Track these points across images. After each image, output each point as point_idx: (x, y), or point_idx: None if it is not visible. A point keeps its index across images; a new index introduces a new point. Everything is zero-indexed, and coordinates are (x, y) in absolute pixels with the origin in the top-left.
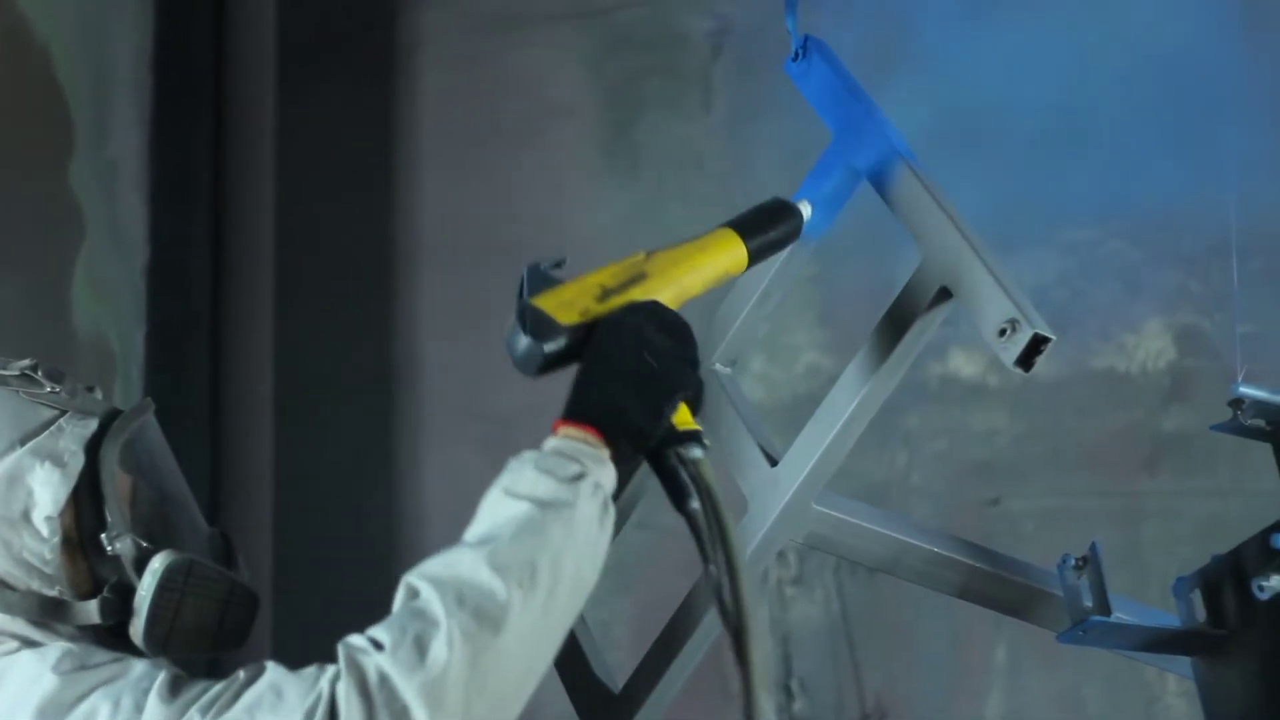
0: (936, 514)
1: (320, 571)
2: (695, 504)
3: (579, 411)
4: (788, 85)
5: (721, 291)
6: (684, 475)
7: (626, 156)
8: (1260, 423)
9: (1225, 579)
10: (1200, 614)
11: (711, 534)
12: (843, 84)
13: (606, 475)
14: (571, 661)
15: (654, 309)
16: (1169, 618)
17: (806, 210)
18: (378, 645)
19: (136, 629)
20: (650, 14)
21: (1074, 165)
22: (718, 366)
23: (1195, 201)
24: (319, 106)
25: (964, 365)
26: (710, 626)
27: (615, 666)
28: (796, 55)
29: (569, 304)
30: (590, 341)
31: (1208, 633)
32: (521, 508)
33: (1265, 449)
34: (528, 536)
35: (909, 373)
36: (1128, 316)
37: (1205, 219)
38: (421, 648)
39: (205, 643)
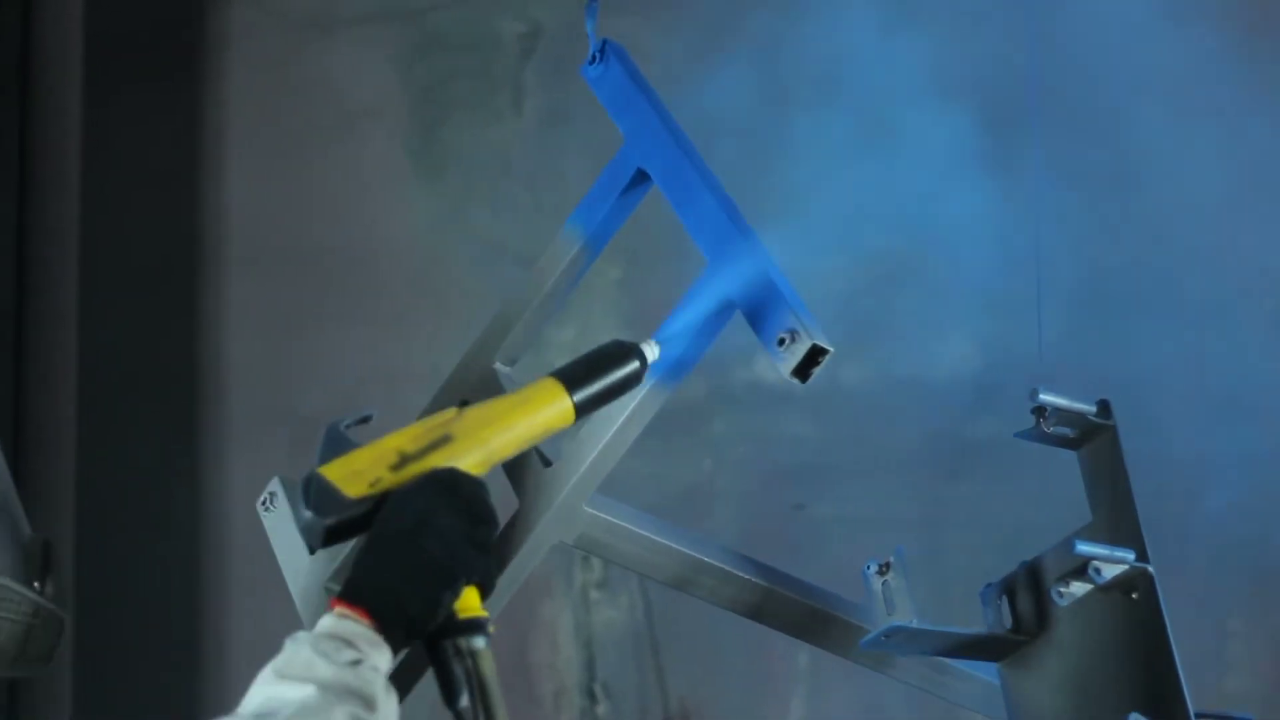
0: (741, 519)
1: (122, 573)
2: (465, 702)
3: (354, 593)
4: None
5: (504, 290)
6: (457, 670)
7: (435, 158)
8: (1065, 430)
9: (1027, 585)
10: (1007, 620)
11: None
12: (636, 87)
13: (383, 659)
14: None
15: (450, 482)
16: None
17: (652, 352)
18: None
19: None
20: (461, 16)
21: (881, 172)
22: (498, 365)
23: (1001, 210)
24: (126, 104)
25: (769, 371)
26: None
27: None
28: (594, 59)
29: (359, 474)
30: (377, 517)
31: (1010, 639)
32: (307, 690)
33: (1071, 455)
34: (309, 717)
35: (715, 378)
36: (934, 324)
37: (1011, 228)
38: None
39: (4, 663)
